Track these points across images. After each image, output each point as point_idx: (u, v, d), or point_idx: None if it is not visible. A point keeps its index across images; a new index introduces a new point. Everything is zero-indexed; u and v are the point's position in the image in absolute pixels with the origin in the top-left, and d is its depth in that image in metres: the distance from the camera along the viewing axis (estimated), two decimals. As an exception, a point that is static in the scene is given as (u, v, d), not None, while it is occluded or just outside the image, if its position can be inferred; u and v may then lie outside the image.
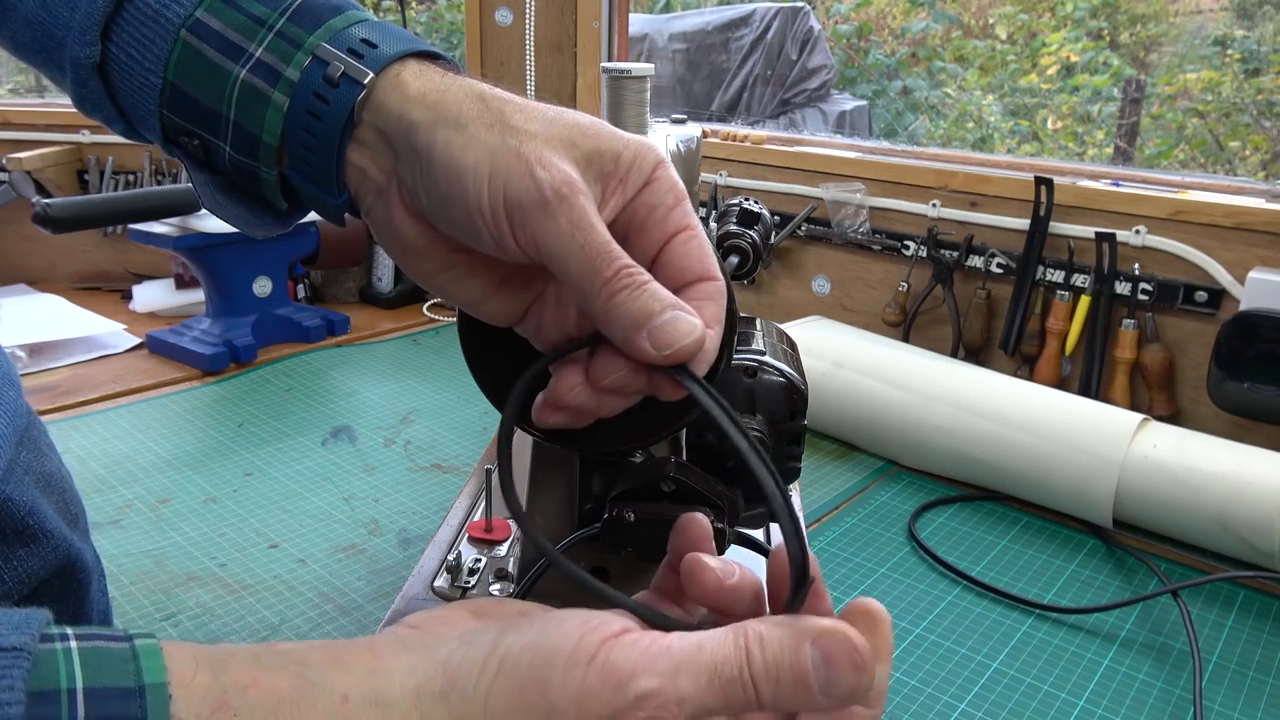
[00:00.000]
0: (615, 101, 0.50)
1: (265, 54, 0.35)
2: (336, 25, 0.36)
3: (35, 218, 1.10)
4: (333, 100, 0.34)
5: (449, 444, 1.05)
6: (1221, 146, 3.50)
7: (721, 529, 0.44)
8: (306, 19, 0.35)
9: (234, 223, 0.40)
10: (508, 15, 1.58)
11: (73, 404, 1.13)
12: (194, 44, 0.35)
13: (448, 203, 0.33)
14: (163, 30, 0.36)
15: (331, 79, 0.34)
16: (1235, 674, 0.70)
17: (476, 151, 0.32)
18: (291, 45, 0.35)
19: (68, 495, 0.53)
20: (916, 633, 0.74)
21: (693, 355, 0.32)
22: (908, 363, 1.05)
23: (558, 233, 0.32)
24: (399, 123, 0.34)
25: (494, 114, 0.33)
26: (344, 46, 0.35)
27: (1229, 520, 0.82)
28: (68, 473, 0.55)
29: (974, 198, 1.21)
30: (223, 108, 0.36)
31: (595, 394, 0.34)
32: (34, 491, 0.48)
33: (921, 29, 4.28)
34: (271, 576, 0.78)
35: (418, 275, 0.37)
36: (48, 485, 0.50)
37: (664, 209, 0.34)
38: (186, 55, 0.36)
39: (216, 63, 0.35)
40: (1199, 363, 1.06)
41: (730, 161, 1.43)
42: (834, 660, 0.27)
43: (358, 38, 0.35)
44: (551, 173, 0.32)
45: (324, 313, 1.41)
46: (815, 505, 0.94)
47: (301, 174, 0.36)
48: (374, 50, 0.35)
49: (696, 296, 0.34)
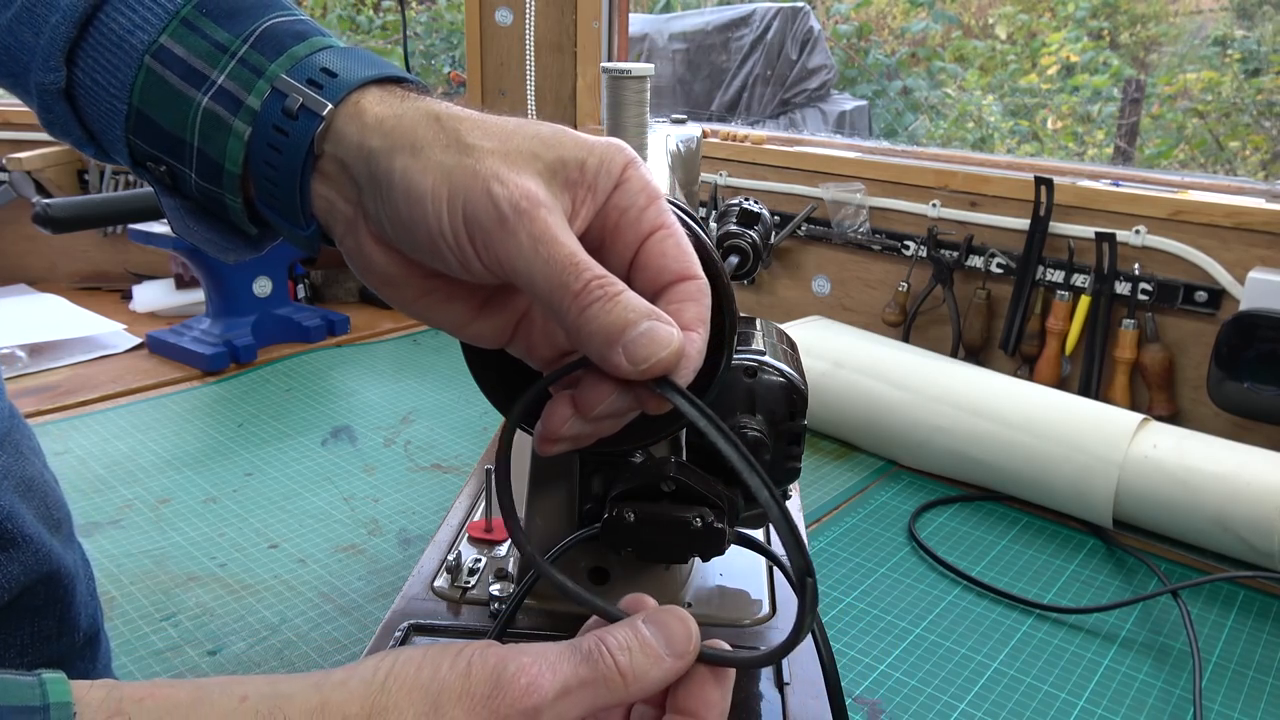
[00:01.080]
0: (615, 101, 0.50)
1: (227, 81, 0.34)
2: (299, 53, 0.35)
3: (35, 218, 1.10)
4: (292, 133, 0.34)
5: (449, 444, 1.05)
6: (1221, 146, 3.50)
7: (721, 529, 0.44)
8: (269, 46, 0.35)
9: (206, 247, 0.40)
10: (508, 15, 1.58)
11: (73, 404, 1.13)
12: (158, 70, 0.35)
13: (410, 229, 0.32)
14: (127, 56, 0.35)
15: (290, 111, 0.34)
16: (1235, 674, 0.70)
17: (434, 174, 0.32)
18: (253, 73, 0.34)
19: (50, 500, 0.52)
20: (916, 633, 0.74)
21: (673, 367, 0.32)
22: (908, 363, 1.05)
23: (520, 249, 0.31)
24: (359, 152, 0.33)
25: (449, 134, 0.32)
26: (304, 77, 0.34)
27: (1229, 520, 0.82)
28: (52, 477, 0.54)
29: (974, 198, 1.21)
30: (187, 135, 0.35)
31: (589, 422, 0.34)
32: (12, 496, 0.47)
33: (921, 29, 4.28)
34: (271, 576, 0.78)
35: (398, 304, 0.36)
36: (28, 490, 0.50)
37: (636, 210, 0.33)
38: (150, 81, 0.35)
39: (179, 89, 0.35)
40: (1199, 363, 1.06)
41: (730, 161, 1.43)
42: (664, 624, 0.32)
43: (319, 66, 0.34)
44: (509, 188, 0.31)
45: (324, 313, 1.41)
46: (815, 505, 0.94)
47: (267, 205, 0.36)
48: (334, 80, 0.34)
49: (676, 298, 0.33)
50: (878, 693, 0.67)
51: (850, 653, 0.71)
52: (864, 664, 0.70)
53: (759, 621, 0.54)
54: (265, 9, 0.36)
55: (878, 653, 0.71)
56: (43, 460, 0.54)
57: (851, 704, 0.65)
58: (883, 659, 0.70)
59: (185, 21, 0.35)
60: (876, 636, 0.73)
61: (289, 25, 0.36)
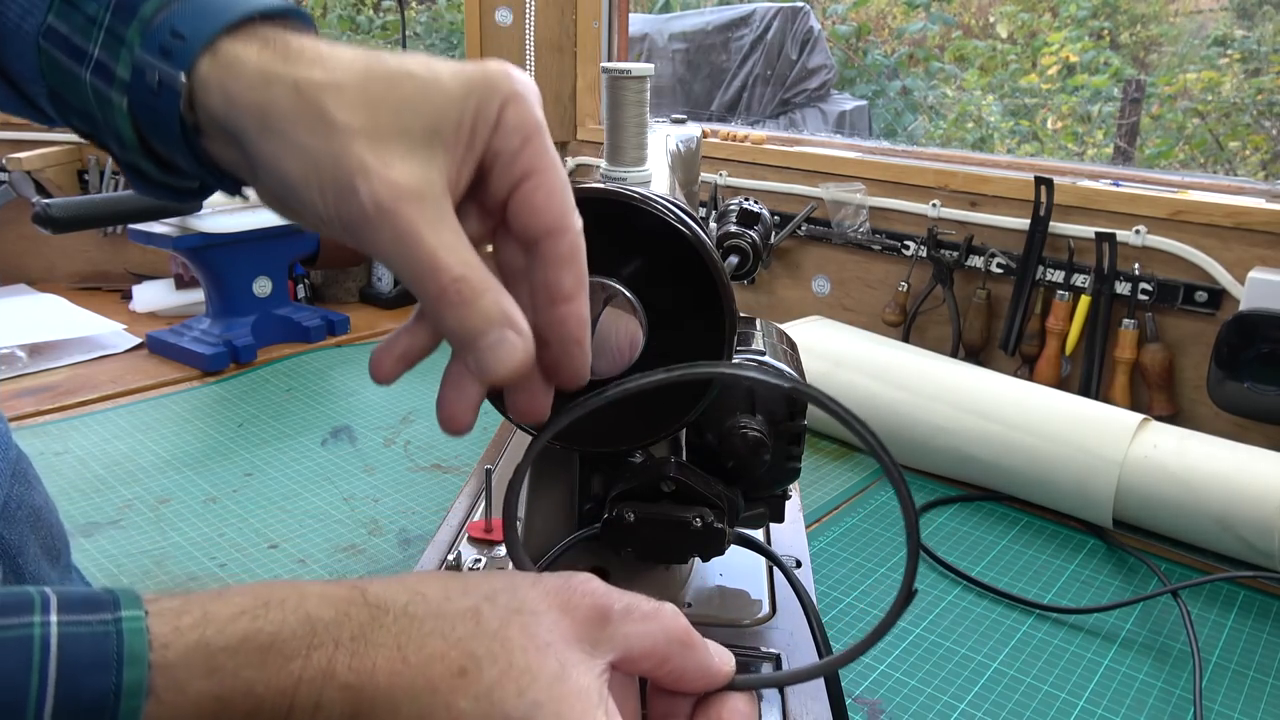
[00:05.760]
0: (615, 101, 0.50)
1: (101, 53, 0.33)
2: (146, 13, 0.33)
3: (35, 218, 1.10)
4: (159, 109, 0.32)
5: (449, 444, 1.05)
6: (1221, 146, 3.50)
7: (721, 529, 0.44)
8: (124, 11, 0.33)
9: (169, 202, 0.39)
10: (508, 15, 1.58)
11: (73, 404, 1.13)
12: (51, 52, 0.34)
13: (293, 210, 0.32)
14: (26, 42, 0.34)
15: (151, 87, 0.32)
16: (1235, 674, 0.70)
17: (302, 162, 0.30)
18: (117, 41, 0.33)
19: (54, 530, 0.52)
20: (916, 633, 0.74)
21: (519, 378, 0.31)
22: (908, 363, 1.05)
23: (384, 245, 0.30)
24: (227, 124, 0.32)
25: (312, 110, 0.30)
26: (155, 45, 0.32)
27: (1229, 520, 0.82)
28: (53, 504, 0.54)
29: (974, 198, 1.21)
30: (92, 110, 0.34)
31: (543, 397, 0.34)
32: (25, 529, 0.47)
33: (919, 29, 4.28)
34: (271, 577, 0.78)
35: None
36: (37, 521, 0.49)
37: (508, 154, 0.31)
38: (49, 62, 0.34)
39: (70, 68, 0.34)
40: (1199, 363, 1.06)
41: (730, 161, 1.43)
42: None
43: (169, 30, 0.32)
44: (371, 183, 0.29)
45: (324, 313, 1.41)
46: (815, 505, 0.94)
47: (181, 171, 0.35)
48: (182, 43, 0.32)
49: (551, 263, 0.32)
50: (878, 693, 0.67)
51: (850, 653, 0.71)
52: (864, 664, 0.70)
53: (759, 621, 0.54)
54: None
55: (878, 653, 0.71)
56: (44, 486, 0.53)
57: (851, 704, 0.65)
58: (883, 659, 0.70)
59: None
60: (876, 636, 0.73)
61: None
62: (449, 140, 0.31)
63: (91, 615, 0.26)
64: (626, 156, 0.51)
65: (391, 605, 0.30)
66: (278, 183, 0.31)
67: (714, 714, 0.33)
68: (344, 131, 0.30)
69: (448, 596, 0.31)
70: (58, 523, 0.53)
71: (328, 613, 0.29)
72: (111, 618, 0.26)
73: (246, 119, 0.31)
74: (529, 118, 0.31)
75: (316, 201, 0.30)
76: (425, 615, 0.30)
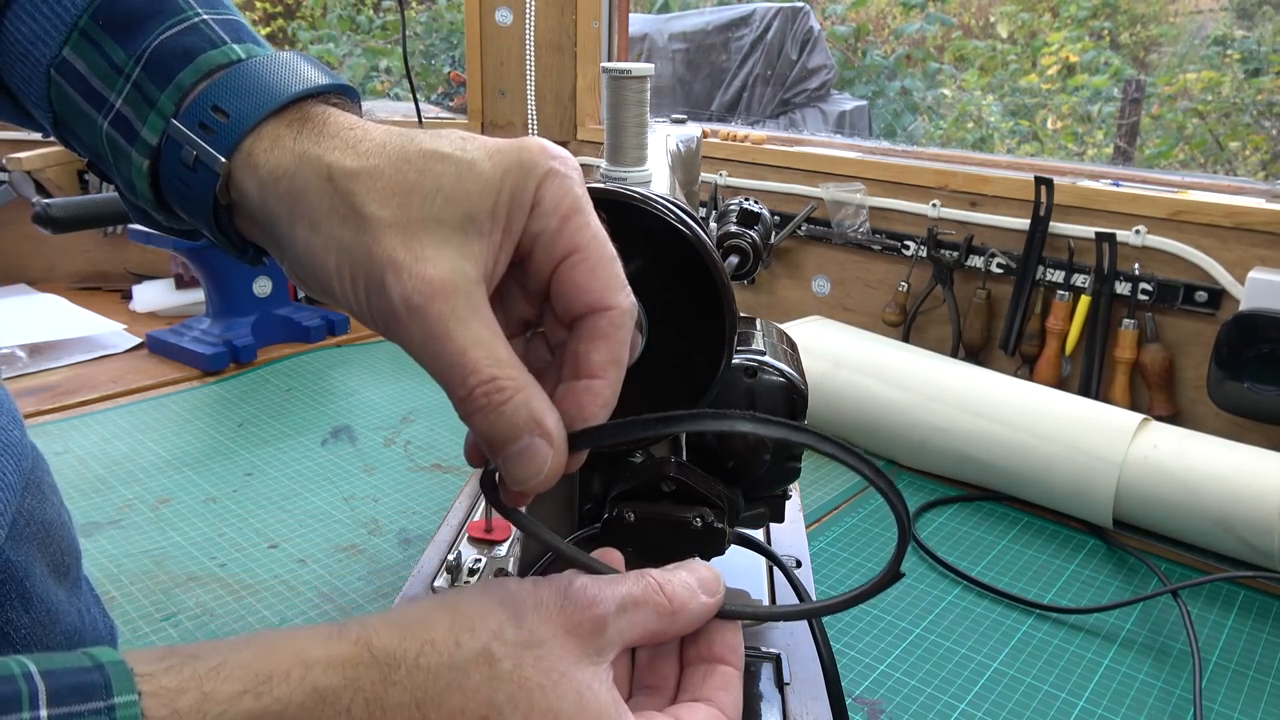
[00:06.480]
0: (615, 101, 0.50)
1: (124, 106, 0.33)
2: (185, 82, 0.32)
3: (35, 218, 1.10)
4: (194, 184, 0.32)
5: (449, 444, 1.05)
6: (1221, 146, 3.50)
7: (721, 529, 0.44)
8: (158, 72, 0.33)
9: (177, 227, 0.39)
10: (508, 15, 1.58)
11: (73, 404, 1.13)
12: (64, 86, 0.34)
13: (323, 294, 0.32)
14: (35, 68, 0.34)
15: (187, 163, 0.32)
16: (1235, 674, 0.71)
17: (335, 253, 0.30)
18: (146, 103, 0.32)
19: (65, 545, 0.51)
20: (916, 633, 0.74)
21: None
22: (908, 363, 1.05)
23: (413, 343, 0.30)
24: (261, 211, 0.31)
25: (344, 201, 0.30)
26: (195, 120, 0.32)
27: (1229, 520, 0.82)
28: (68, 516, 0.52)
29: (974, 198, 1.21)
30: (101, 152, 0.34)
31: None
32: (32, 547, 0.46)
33: (917, 29, 4.28)
34: (271, 576, 0.78)
35: None
36: (46, 537, 0.48)
37: (549, 234, 0.31)
38: (60, 94, 0.34)
39: (84, 109, 0.34)
40: (1199, 363, 1.06)
41: (730, 161, 1.43)
42: (693, 569, 0.35)
43: (210, 105, 0.32)
44: (403, 282, 0.29)
45: (324, 312, 1.41)
46: (815, 505, 0.94)
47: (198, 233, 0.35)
48: (225, 122, 0.31)
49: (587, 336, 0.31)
50: (878, 693, 0.67)
51: (850, 653, 0.71)
52: (864, 664, 0.70)
53: (759, 621, 0.54)
54: (159, 17, 0.34)
55: (878, 653, 0.71)
56: (59, 496, 0.52)
57: (851, 704, 0.65)
58: (883, 659, 0.70)
59: (84, 34, 0.33)
60: (876, 636, 0.73)
61: (177, 40, 0.33)
62: (484, 227, 0.30)
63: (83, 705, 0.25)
64: (627, 156, 0.51)
65: (402, 659, 0.29)
66: (308, 270, 0.31)
67: (702, 644, 0.35)
68: (375, 224, 0.29)
69: (458, 642, 0.29)
70: (70, 536, 0.52)
71: (335, 680, 0.27)
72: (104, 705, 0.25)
73: (278, 207, 0.31)
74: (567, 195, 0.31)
75: (348, 293, 0.30)
76: (439, 667, 0.29)
